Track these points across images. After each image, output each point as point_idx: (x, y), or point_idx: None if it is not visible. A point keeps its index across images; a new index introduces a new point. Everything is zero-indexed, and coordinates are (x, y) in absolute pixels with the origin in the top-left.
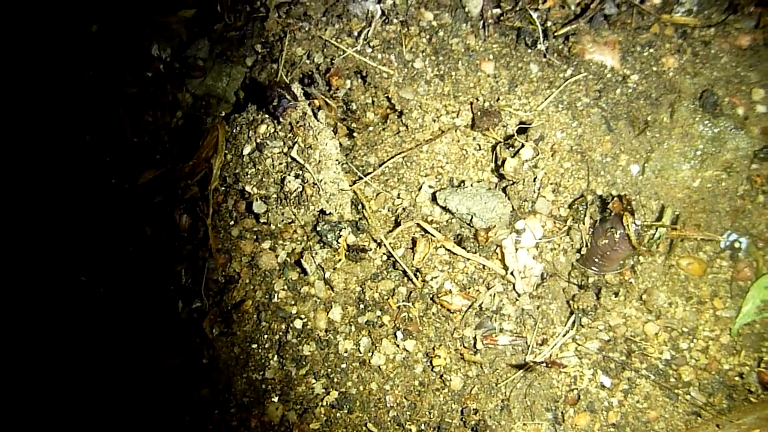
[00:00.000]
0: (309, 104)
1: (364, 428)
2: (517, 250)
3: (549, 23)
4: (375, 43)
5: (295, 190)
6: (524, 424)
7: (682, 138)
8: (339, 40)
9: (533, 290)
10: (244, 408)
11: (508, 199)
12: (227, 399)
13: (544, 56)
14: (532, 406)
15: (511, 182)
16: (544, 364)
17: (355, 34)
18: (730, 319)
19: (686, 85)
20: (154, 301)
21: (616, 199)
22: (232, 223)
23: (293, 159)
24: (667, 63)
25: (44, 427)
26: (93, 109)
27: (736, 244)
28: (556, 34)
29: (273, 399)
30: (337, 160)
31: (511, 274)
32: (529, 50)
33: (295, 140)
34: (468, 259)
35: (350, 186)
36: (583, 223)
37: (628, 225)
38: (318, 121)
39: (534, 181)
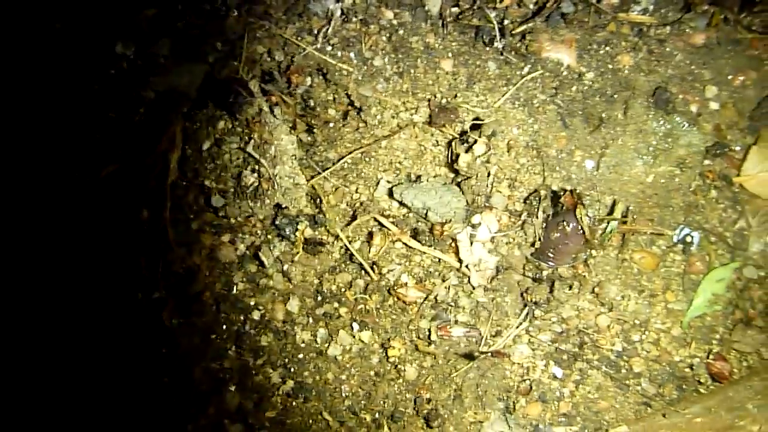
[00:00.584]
0: (266, 100)
1: (319, 417)
2: (472, 243)
3: (506, 21)
4: (335, 41)
5: (251, 185)
6: (475, 413)
7: (636, 134)
8: (299, 38)
9: (488, 283)
10: (202, 396)
11: (463, 193)
12: (186, 387)
13: (501, 54)
14: (484, 395)
15: (465, 177)
16: (490, 354)
17: (315, 32)
18: (682, 312)
19: (641, 83)
20: (114, 292)
21: (567, 193)
22: (192, 216)
23: (249, 154)
24: (623, 61)
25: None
26: (57, 105)
27: (688, 239)
28: (513, 32)
29: (230, 388)
30: (293, 155)
31: (466, 267)
32: (487, 48)
33: (252, 136)
34: (424, 253)
35: (308, 181)
36: (537, 218)
37: (581, 217)
38: (275, 117)
39: (487, 176)
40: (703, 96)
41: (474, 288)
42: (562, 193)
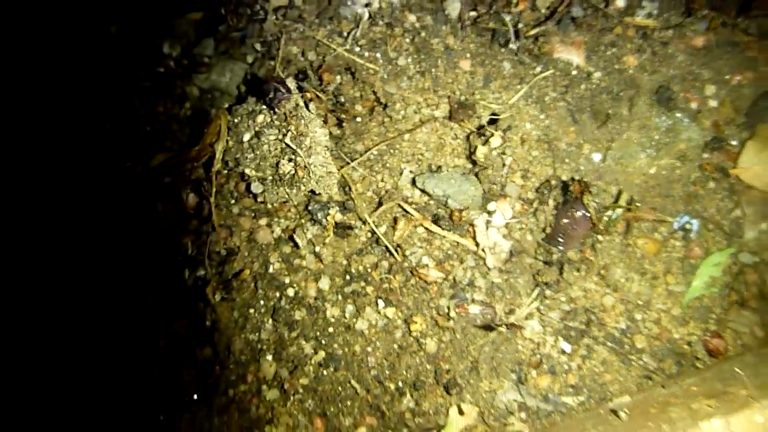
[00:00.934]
0: (302, 97)
1: (348, 384)
2: (488, 228)
3: (521, 25)
4: (363, 42)
5: (288, 173)
6: (490, 383)
7: (640, 129)
8: (330, 39)
9: (502, 265)
10: (241, 365)
11: (480, 182)
12: (227, 357)
13: (516, 55)
14: (498, 367)
15: (482, 167)
16: (505, 327)
17: (345, 34)
18: (681, 294)
19: (645, 82)
20: (163, 271)
21: (576, 182)
22: (233, 201)
23: (287, 145)
24: (628, 61)
25: (61, 380)
26: (112, 101)
27: (688, 226)
28: (527, 35)
29: (267, 357)
30: (326, 146)
31: (483, 250)
32: (503, 49)
33: (289, 128)
34: (444, 237)
35: (338, 170)
36: (548, 205)
37: (588, 204)
38: (309, 111)
39: (503, 166)
40: (702, 94)
41: (489, 270)
42: (571, 183)
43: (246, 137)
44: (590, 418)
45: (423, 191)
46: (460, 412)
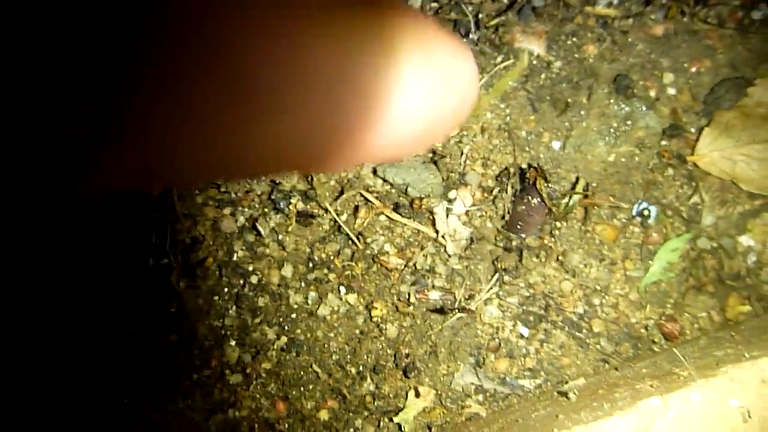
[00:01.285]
0: None
1: (310, 369)
2: (448, 216)
3: (481, 15)
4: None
5: None
6: (448, 366)
7: (599, 117)
8: None
9: (462, 252)
10: (205, 350)
11: (439, 171)
12: (191, 343)
13: (476, 45)
14: (456, 351)
15: (441, 156)
16: (465, 312)
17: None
18: (639, 279)
19: (604, 70)
20: (128, 260)
21: (531, 169)
22: (196, 192)
23: None
24: (588, 50)
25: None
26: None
27: (646, 212)
28: (487, 24)
29: (231, 343)
30: None
31: (443, 237)
32: (464, 39)
33: None
34: (404, 225)
35: None
36: (506, 193)
37: (541, 188)
38: None
39: (461, 155)
40: (661, 82)
41: (449, 256)
42: (527, 170)
43: None
44: (543, 400)
45: (384, 180)
46: (417, 395)
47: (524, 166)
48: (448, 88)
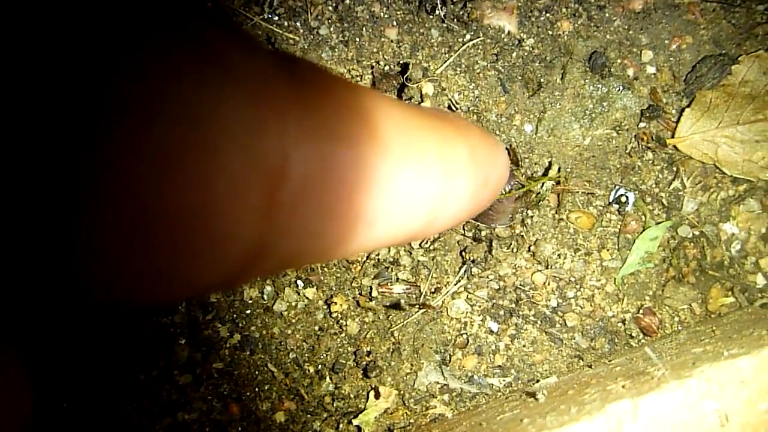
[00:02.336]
0: None
1: (265, 368)
2: None
3: None
4: (281, 11)
5: None
6: (411, 365)
7: (574, 98)
8: (247, 9)
9: (428, 243)
10: (153, 349)
11: None
12: (138, 341)
13: (443, 22)
14: (421, 348)
15: None
16: (430, 306)
17: (262, 3)
18: (616, 270)
19: (579, 48)
20: None
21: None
22: None
23: None
24: (563, 27)
25: None
26: None
27: (623, 199)
28: (455, 0)
29: (180, 341)
30: None
31: None
32: (431, 16)
33: None
34: None
35: None
36: None
37: (515, 174)
38: None
39: None
40: (639, 60)
41: (414, 248)
42: None
43: None
44: (510, 401)
45: None
46: (378, 395)
47: None
48: (487, 187)
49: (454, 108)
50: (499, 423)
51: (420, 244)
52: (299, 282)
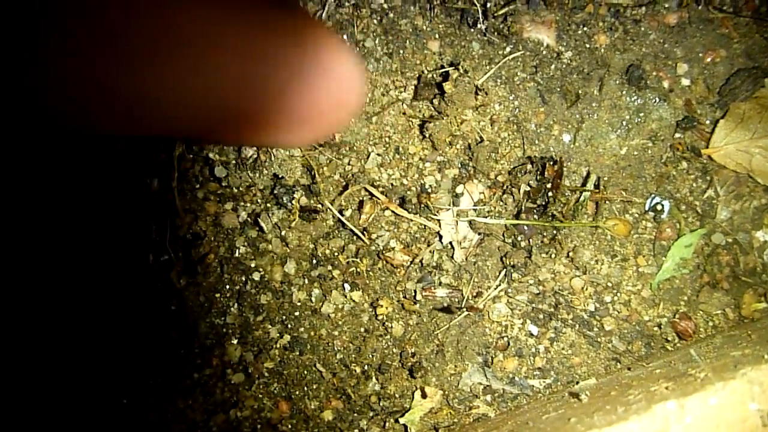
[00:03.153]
0: None
1: (313, 368)
2: (455, 212)
3: (489, 4)
4: (329, 24)
5: (250, 157)
6: (455, 366)
7: (611, 109)
8: None
9: (470, 248)
10: (206, 349)
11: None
12: (192, 341)
13: (485, 35)
14: (464, 350)
15: (447, 148)
16: (472, 310)
17: (311, 17)
18: (652, 275)
19: (616, 61)
20: (127, 256)
21: (550, 165)
22: (197, 186)
23: None
24: (599, 40)
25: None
26: None
27: (659, 207)
28: (496, 14)
29: (233, 341)
30: None
31: (450, 232)
32: (471, 30)
33: None
34: (411, 220)
35: (301, 153)
36: (518, 188)
37: (561, 185)
38: None
39: (467, 148)
40: (675, 73)
41: (456, 251)
42: (548, 165)
43: None
44: (553, 401)
45: (390, 174)
46: (423, 395)
47: (537, 158)
48: (332, 80)
49: (493, 119)
50: (546, 422)
51: (461, 246)
52: (346, 285)
